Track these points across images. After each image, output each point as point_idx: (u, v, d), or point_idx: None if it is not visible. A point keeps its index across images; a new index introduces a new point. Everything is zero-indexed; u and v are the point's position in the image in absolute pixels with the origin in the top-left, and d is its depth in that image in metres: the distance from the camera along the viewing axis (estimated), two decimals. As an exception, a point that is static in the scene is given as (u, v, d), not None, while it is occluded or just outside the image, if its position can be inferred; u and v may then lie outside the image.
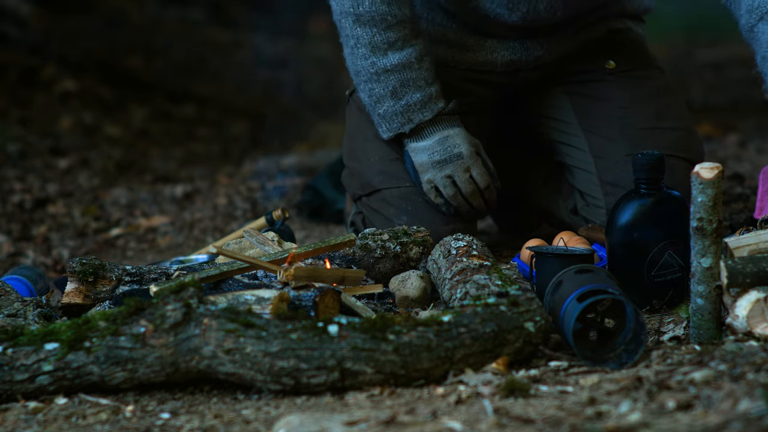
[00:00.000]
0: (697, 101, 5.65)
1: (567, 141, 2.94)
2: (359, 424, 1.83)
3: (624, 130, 2.86)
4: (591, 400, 1.88)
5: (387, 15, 2.74)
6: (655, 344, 2.21)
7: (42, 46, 5.83)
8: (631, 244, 2.40)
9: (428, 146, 2.79)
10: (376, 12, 2.73)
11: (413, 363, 2.03)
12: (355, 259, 2.61)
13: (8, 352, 2.10)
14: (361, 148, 2.93)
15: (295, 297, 2.30)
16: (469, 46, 2.92)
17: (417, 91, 2.77)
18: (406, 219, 2.82)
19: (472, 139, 2.83)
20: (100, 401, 2.09)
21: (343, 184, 3.04)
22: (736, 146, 4.58)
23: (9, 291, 2.51)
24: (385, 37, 2.75)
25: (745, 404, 1.75)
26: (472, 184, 2.80)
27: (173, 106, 5.84)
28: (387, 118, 2.80)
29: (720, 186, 2.09)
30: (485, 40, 2.91)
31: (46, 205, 4.16)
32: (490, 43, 2.91)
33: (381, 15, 2.74)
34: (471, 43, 2.91)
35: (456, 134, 2.80)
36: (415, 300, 2.53)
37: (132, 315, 2.10)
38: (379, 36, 2.75)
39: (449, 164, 2.79)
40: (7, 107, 5.16)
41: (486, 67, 2.92)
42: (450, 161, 2.79)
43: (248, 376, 2.04)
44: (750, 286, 2.13)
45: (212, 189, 4.33)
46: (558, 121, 2.96)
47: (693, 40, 7.36)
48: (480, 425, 1.81)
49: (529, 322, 2.11)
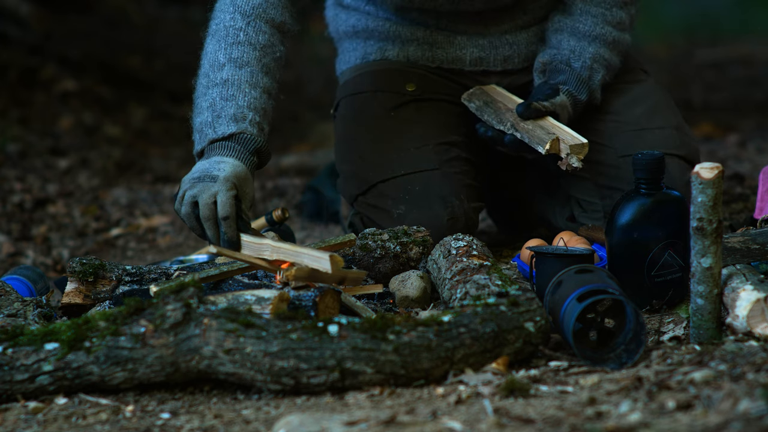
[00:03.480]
0: (697, 101, 5.65)
1: None
2: (359, 424, 1.83)
3: (614, 133, 2.86)
4: (591, 400, 1.88)
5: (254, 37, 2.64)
6: (655, 344, 2.21)
7: (42, 46, 5.83)
8: (631, 244, 2.40)
9: (198, 165, 2.55)
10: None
11: (413, 363, 2.04)
12: (355, 259, 2.61)
13: (8, 352, 2.10)
14: (351, 149, 2.94)
15: (295, 297, 2.30)
16: (438, 43, 2.95)
17: (233, 107, 2.57)
18: (405, 208, 2.82)
19: (242, 174, 2.51)
20: (100, 401, 2.09)
21: (339, 191, 3.05)
22: (736, 146, 4.58)
23: (9, 291, 2.51)
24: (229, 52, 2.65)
25: (745, 404, 1.75)
26: (212, 210, 2.46)
27: (173, 106, 5.84)
28: (200, 126, 2.61)
29: (720, 186, 2.09)
30: (454, 37, 2.94)
31: (46, 205, 4.16)
32: (459, 39, 2.94)
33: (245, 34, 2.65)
34: (440, 40, 2.94)
35: (229, 163, 2.51)
36: (415, 300, 2.53)
37: (132, 315, 2.10)
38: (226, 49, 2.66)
39: (200, 183, 2.48)
40: (7, 107, 5.16)
41: (455, 65, 2.95)
42: (202, 180, 2.49)
43: (248, 376, 2.04)
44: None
45: (212, 189, 4.32)
46: None
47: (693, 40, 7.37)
48: (480, 425, 1.81)
49: (529, 322, 2.11)
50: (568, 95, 2.77)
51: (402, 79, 2.94)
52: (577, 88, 2.78)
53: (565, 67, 2.80)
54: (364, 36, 3.01)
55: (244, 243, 2.42)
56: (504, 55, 2.91)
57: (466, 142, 2.93)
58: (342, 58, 3.08)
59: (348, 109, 3.00)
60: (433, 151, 2.87)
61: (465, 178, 2.87)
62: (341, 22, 3.04)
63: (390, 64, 2.98)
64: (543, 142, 2.62)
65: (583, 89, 2.79)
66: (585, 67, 2.80)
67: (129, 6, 7.00)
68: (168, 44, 6.78)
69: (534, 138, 2.65)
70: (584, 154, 2.62)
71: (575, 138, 2.63)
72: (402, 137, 2.89)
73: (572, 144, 2.61)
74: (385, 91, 2.95)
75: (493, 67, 2.95)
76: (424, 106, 2.93)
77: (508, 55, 2.91)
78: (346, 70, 3.06)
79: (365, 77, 2.99)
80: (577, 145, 2.62)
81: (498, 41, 2.91)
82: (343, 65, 3.07)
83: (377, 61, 2.97)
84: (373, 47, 3.00)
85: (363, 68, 3.01)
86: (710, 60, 6.72)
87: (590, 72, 2.80)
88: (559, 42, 2.85)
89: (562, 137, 2.63)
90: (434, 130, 2.90)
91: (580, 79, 2.79)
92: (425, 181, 2.83)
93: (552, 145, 2.62)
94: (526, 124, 2.69)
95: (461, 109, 2.94)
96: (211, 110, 2.58)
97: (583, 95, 2.79)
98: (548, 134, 2.63)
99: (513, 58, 2.92)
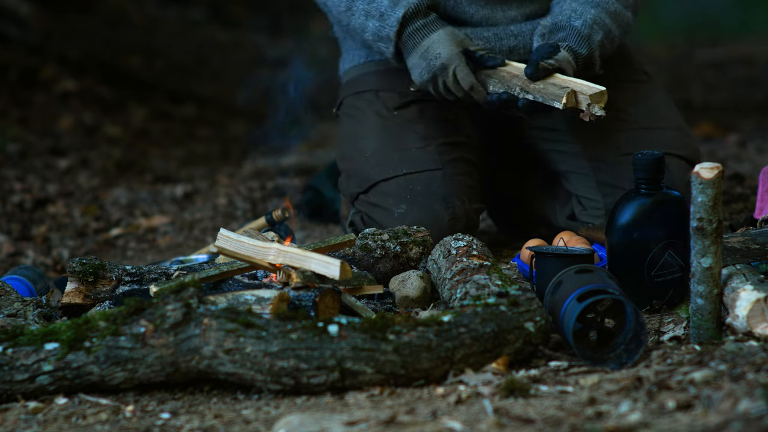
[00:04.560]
0: (697, 101, 5.65)
1: (560, 148, 2.94)
2: (359, 424, 1.83)
3: (617, 132, 2.86)
4: (591, 400, 1.88)
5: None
6: (655, 344, 2.21)
7: (42, 46, 5.83)
8: (631, 244, 2.40)
9: (414, 64, 2.78)
10: None
11: (413, 363, 2.04)
12: (355, 259, 2.61)
13: (8, 352, 2.10)
14: (354, 148, 2.95)
15: (295, 297, 2.30)
16: None
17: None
18: (406, 207, 2.82)
19: (453, 37, 2.78)
20: (100, 401, 2.09)
21: (340, 189, 3.05)
22: (736, 146, 4.58)
23: (9, 291, 2.51)
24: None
25: (745, 404, 1.75)
26: (458, 88, 2.75)
27: (173, 106, 5.84)
28: (375, 41, 2.81)
29: (720, 186, 2.09)
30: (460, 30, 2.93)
31: (46, 205, 4.16)
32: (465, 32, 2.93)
33: None
34: None
35: (435, 41, 2.76)
36: (415, 300, 2.53)
37: (132, 315, 2.10)
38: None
39: (438, 78, 2.76)
40: (7, 107, 5.16)
41: None
42: (437, 75, 2.76)
43: (248, 376, 2.04)
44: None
45: (212, 189, 4.33)
46: (548, 131, 2.96)
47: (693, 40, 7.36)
48: (480, 425, 1.81)
49: (529, 322, 2.11)
50: (569, 50, 2.76)
51: (406, 79, 2.95)
52: (578, 43, 2.77)
53: (566, 25, 2.79)
54: None
55: (249, 246, 2.39)
56: (509, 46, 2.90)
57: (468, 143, 2.93)
58: (346, 57, 3.08)
59: (351, 107, 3.00)
60: (435, 152, 2.87)
61: (467, 179, 2.87)
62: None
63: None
64: (559, 98, 2.61)
65: (584, 44, 2.77)
66: (585, 25, 2.79)
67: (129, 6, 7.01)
68: (168, 44, 6.78)
69: (548, 96, 2.64)
70: (604, 101, 2.62)
71: (592, 87, 2.62)
72: (405, 137, 2.89)
73: (591, 93, 2.61)
74: (389, 91, 2.95)
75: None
76: (427, 106, 2.93)
77: (513, 46, 2.90)
78: (350, 68, 3.06)
79: (369, 76, 2.99)
80: (596, 94, 2.61)
81: (503, 33, 2.90)
82: (347, 64, 3.07)
83: (382, 60, 2.97)
84: None
85: (367, 67, 3.01)
86: (710, 60, 6.71)
87: (590, 31, 2.79)
88: (561, 7, 2.84)
89: (578, 89, 2.62)
90: (437, 130, 2.90)
91: (580, 35, 2.78)
92: (427, 180, 2.83)
93: (569, 99, 2.61)
94: (536, 85, 2.68)
95: (465, 111, 2.94)
96: (370, 17, 2.79)
97: (584, 50, 2.78)
98: (562, 89, 2.63)
99: (518, 49, 2.91)
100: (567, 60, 2.72)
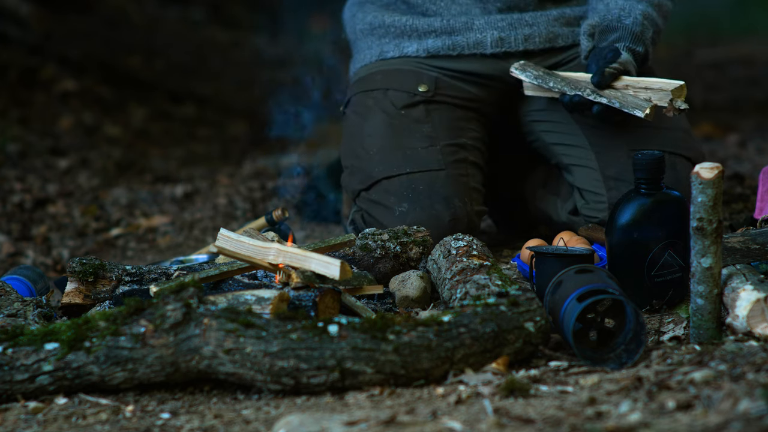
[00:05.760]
0: (697, 101, 5.65)
1: (565, 141, 2.94)
2: (359, 424, 1.83)
3: (625, 129, 2.86)
4: (591, 400, 1.88)
5: None
6: (655, 344, 2.21)
7: (42, 46, 5.83)
8: (631, 244, 2.40)
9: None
10: None
11: (413, 363, 2.04)
12: (355, 259, 2.61)
13: (8, 352, 2.10)
14: (359, 145, 2.95)
15: (295, 297, 2.30)
16: (456, 30, 2.95)
17: None
18: (407, 206, 2.82)
19: None
20: (100, 401, 2.09)
21: (342, 186, 3.05)
22: (736, 146, 4.58)
23: (9, 291, 2.51)
24: None
25: (745, 404, 1.75)
26: None
27: (173, 106, 5.84)
28: None
29: (720, 186, 2.09)
30: (472, 22, 2.93)
31: (46, 205, 4.16)
32: (478, 24, 2.94)
33: None
34: (458, 26, 2.94)
35: None
36: (415, 300, 2.53)
37: (132, 315, 2.10)
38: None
39: None
40: (7, 107, 5.16)
41: (476, 49, 2.95)
42: None
43: (248, 376, 2.04)
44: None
45: (212, 189, 4.33)
46: (554, 123, 2.96)
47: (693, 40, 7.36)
48: (480, 425, 1.81)
49: (529, 322, 2.11)
50: (628, 51, 2.77)
51: (415, 79, 2.95)
52: (634, 42, 2.78)
53: (618, 24, 2.79)
54: (380, 33, 3.02)
55: (249, 246, 2.39)
56: (524, 34, 2.91)
57: (474, 146, 2.94)
58: (357, 57, 3.09)
59: (358, 105, 3.01)
60: (440, 152, 2.87)
61: (470, 181, 2.87)
62: (358, 20, 3.06)
63: (408, 61, 2.98)
64: (641, 108, 2.62)
65: (639, 42, 2.78)
66: (637, 23, 2.79)
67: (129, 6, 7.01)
68: (168, 44, 6.78)
69: (629, 104, 2.65)
70: (684, 94, 2.63)
71: (670, 83, 2.64)
72: (410, 136, 2.89)
73: (672, 89, 2.62)
74: (397, 90, 2.96)
75: (515, 47, 2.94)
76: (434, 107, 2.93)
77: (528, 34, 2.91)
78: (360, 68, 3.07)
79: (378, 75, 3.00)
80: (676, 89, 2.63)
81: (517, 22, 2.91)
82: (358, 63, 3.08)
83: (395, 59, 2.98)
84: (390, 44, 3.01)
85: (377, 66, 3.02)
86: (710, 60, 6.72)
87: (642, 28, 2.79)
88: (606, 4, 2.84)
89: (655, 87, 2.63)
90: (443, 131, 2.91)
91: (633, 34, 2.78)
92: (430, 180, 2.83)
93: (651, 111, 2.62)
94: (610, 91, 2.69)
95: (472, 114, 2.95)
96: None
97: (640, 47, 2.78)
98: (644, 101, 2.63)
99: (534, 38, 2.91)
100: (630, 62, 2.74)
